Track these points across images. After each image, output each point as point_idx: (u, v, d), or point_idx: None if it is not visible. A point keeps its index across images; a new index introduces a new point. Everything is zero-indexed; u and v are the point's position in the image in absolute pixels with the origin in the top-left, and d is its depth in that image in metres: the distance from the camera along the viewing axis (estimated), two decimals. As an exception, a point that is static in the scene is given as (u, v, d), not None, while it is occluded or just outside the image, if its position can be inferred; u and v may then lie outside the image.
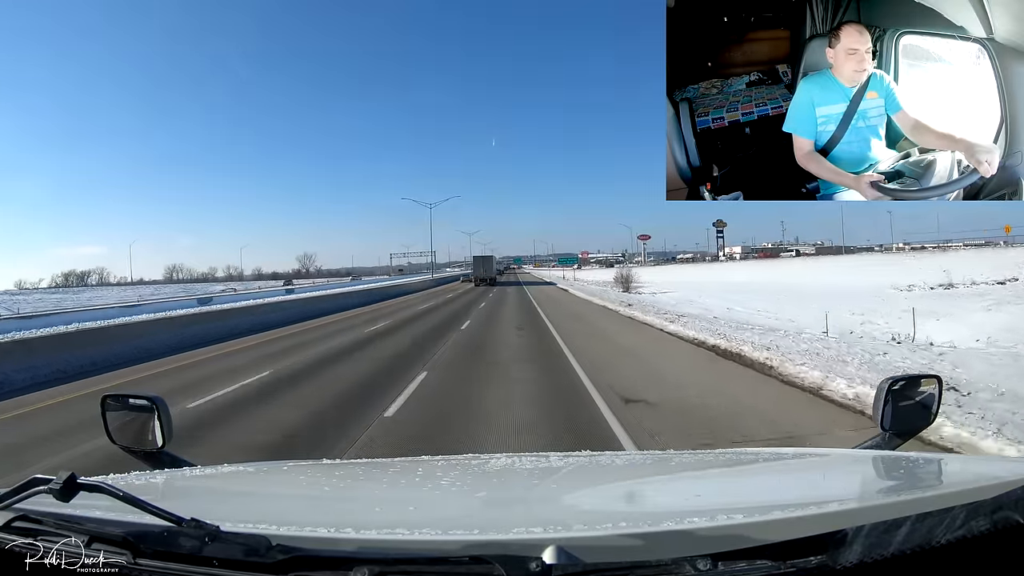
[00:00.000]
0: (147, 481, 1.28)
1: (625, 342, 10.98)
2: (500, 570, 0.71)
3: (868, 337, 10.16)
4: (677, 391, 6.44)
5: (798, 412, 5.39)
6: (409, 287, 41.04)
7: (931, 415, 1.44)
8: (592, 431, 4.97)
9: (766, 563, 0.72)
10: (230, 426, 5.56)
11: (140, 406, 1.47)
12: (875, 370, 6.27)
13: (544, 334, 12.56)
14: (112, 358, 10.22)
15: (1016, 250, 45.75)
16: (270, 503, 1.25)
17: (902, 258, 56.27)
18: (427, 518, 1.02)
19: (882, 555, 0.70)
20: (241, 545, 0.76)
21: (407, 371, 8.11)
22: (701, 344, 9.80)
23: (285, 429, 5.35)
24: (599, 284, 33.53)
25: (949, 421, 4.18)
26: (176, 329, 13.16)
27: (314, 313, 20.55)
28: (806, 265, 55.59)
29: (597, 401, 6.03)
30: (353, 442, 4.86)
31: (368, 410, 5.92)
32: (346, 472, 1.58)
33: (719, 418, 5.20)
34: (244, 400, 6.72)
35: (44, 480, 0.77)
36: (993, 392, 5.09)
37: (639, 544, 0.75)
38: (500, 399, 6.29)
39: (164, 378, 8.59)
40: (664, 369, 8.05)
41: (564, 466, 1.47)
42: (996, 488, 0.77)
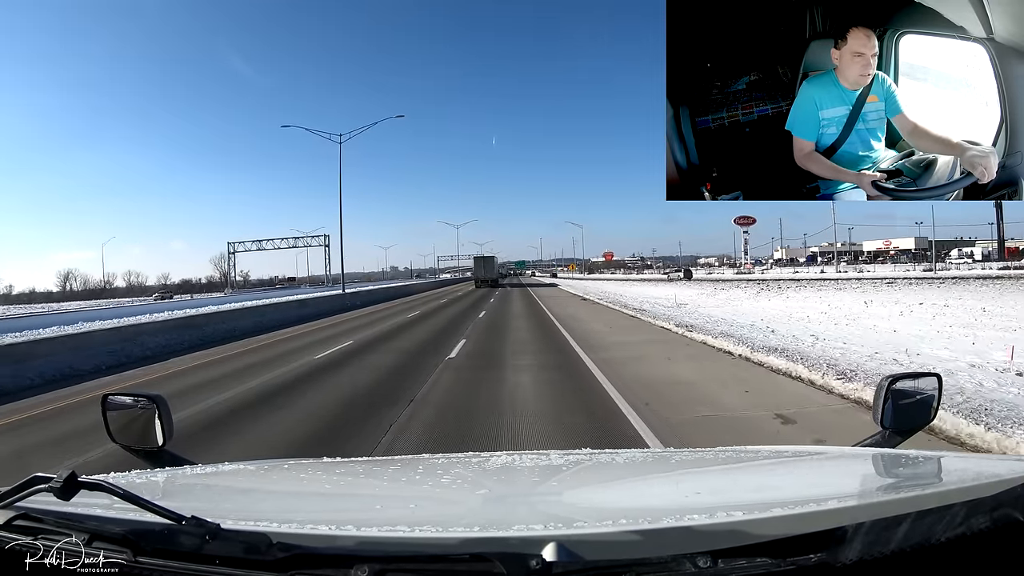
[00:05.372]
0: (148, 479, 1.28)
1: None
2: (500, 567, 0.71)
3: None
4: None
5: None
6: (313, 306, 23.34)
7: (931, 413, 1.44)
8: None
9: (766, 560, 0.72)
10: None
11: (141, 405, 1.47)
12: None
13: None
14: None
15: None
16: (271, 501, 1.25)
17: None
18: (427, 515, 1.02)
19: (882, 552, 0.70)
20: (242, 543, 0.76)
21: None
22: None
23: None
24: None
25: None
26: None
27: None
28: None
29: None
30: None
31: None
32: (346, 470, 1.58)
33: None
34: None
35: (45, 479, 0.77)
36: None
37: (639, 541, 0.75)
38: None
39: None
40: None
41: (564, 464, 1.47)
42: (996, 486, 0.77)
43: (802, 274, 44.04)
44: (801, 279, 33.37)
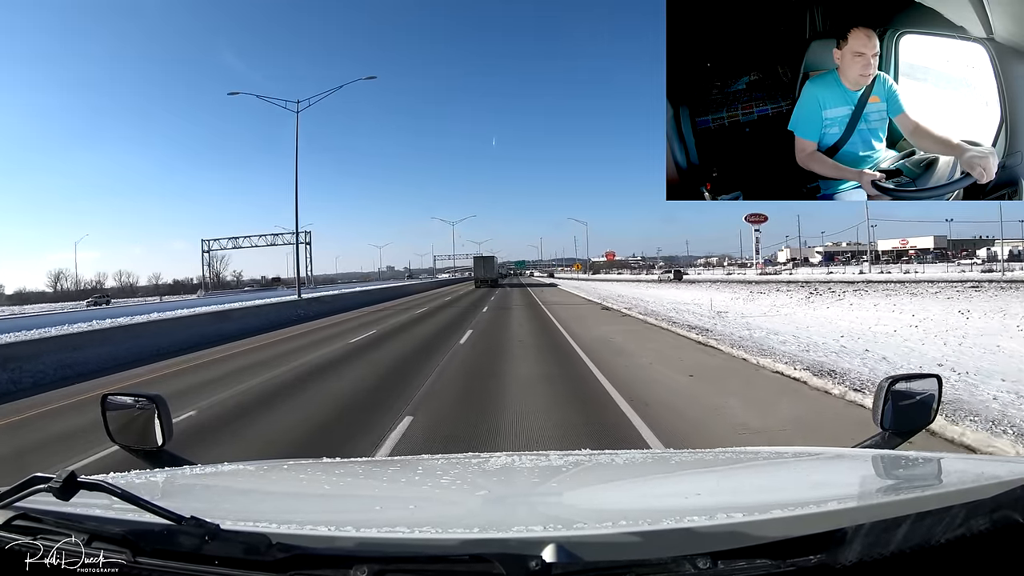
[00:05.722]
0: (147, 480, 1.28)
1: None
2: (500, 568, 0.71)
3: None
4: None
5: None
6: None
7: (931, 414, 1.44)
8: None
9: (765, 562, 0.72)
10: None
11: (141, 405, 1.47)
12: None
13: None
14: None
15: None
16: (270, 501, 1.25)
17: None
18: (427, 516, 1.02)
19: (881, 554, 0.70)
20: (241, 543, 0.76)
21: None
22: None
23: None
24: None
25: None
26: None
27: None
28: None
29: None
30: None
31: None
32: (346, 471, 1.58)
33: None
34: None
35: (44, 479, 0.77)
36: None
37: (639, 542, 0.75)
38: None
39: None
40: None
41: (564, 465, 1.47)
42: (995, 487, 0.77)
43: (837, 275, 37.42)
44: (846, 281, 27.00)
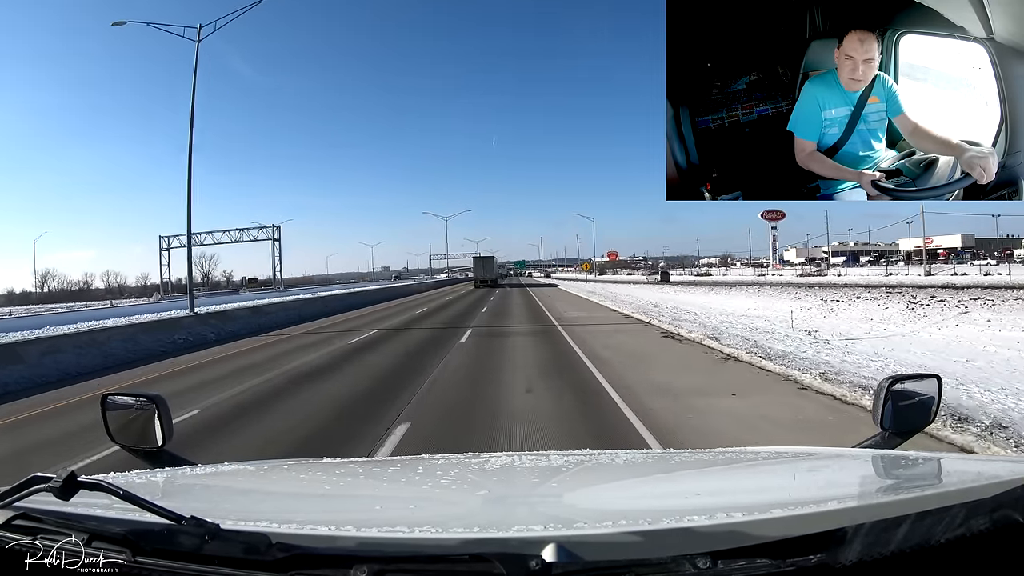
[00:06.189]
0: (147, 480, 1.28)
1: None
2: (500, 568, 0.71)
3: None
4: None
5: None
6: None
7: (931, 415, 1.44)
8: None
9: (765, 561, 0.72)
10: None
11: (141, 405, 1.47)
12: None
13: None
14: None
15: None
16: (270, 501, 1.25)
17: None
18: (427, 516, 1.02)
19: (881, 553, 0.70)
20: (241, 543, 0.76)
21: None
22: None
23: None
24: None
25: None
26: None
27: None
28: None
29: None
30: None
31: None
32: (346, 471, 1.58)
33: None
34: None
35: (44, 479, 0.77)
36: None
37: (639, 542, 0.75)
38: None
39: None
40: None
41: (564, 465, 1.46)
42: (995, 487, 0.77)
43: (897, 276, 30.64)
44: (917, 285, 18.64)
